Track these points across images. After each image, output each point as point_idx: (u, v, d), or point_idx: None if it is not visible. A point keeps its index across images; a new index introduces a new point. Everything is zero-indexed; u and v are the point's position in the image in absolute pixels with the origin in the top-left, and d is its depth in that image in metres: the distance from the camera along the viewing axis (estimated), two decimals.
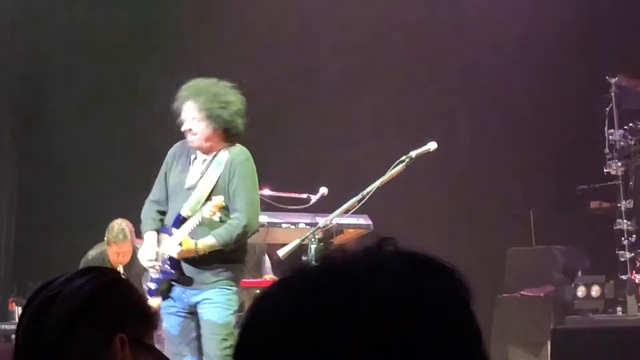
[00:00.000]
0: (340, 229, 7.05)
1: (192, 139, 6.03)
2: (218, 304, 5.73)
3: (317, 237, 6.33)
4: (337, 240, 7.17)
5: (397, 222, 9.15)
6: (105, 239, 8.38)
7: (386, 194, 6.76)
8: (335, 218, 6.56)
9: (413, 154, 6.47)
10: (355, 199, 6.43)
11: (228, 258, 5.97)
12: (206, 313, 5.90)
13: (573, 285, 9.64)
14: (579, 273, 9.89)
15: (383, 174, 6.49)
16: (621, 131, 9.32)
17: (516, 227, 10.63)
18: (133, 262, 8.13)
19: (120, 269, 8.05)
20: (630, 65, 9.94)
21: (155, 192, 6.27)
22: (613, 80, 9.29)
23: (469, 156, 10.36)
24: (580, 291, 9.44)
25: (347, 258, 1.16)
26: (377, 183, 6.43)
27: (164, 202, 6.18)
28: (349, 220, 7.14)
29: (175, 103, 6.08)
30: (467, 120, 10.92)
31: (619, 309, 9.18)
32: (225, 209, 5.87)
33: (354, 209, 6.50)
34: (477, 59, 11.11)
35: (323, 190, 7.57)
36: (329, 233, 6.80)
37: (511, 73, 10.99)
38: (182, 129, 6.04)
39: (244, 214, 5.95)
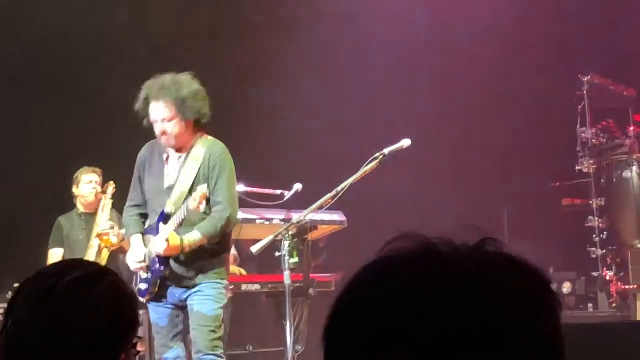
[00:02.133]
0: (314, 225, 7.06)
1: (168, 140, 6.00)
2: (208, 297, 5.74)
3: (290, 233, 6.35)
4: (312, 236, 7.15)
5: (371, 219, 9.15)
6: (74, 185, 8.35)
7: (360, 190, 6.76)
8: (309, 214, 6.58)
9: (387, 151, 6.51)
10: (329, 195, 6.44)
11: (215, 252, 5.97)
12: (196, 305, 5.91)
13: None
14: (551, 270, 9.83)
15: (357, 171, 6.50)
16: (593, 129, 9.41)
17: (490, 225, 10.15)
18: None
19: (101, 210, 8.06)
20: (603, 63, 10.08)
21: (133, 197, 6.25)
22: (585, 79, 9.39)
23: (443, 154, 10.44)
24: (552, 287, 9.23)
25: (453, 251, 1.18)
26: (351, 180, 6.45)
27: (144, 205, 6.19)
28: (323, 217, 7.18)
29: (137, 104, 6.02)
30: (441, 118, 11.00)
31: (590, 305, 9.32)
32: (207, 202, 5.88)
33: (328, 205, 6.51)
34: (453, 58, 11.19)
35: (297, 186, 7.58)
36: (303, 229, 6.79)
37: (484, 72, 11.08)
38: (156, 131, 6.00)
39: (227, 205, 5.94)
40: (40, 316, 2.12)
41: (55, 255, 8.35)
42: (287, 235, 6.27)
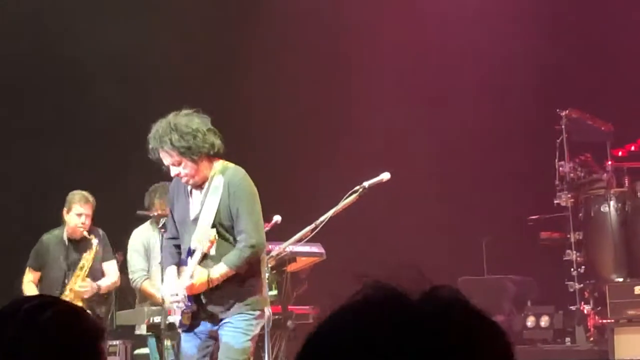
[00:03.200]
0: (293, 257, 7.12)
1: (186, 181, 6.12)
2: (238, 329, 5.82)
3: (269, 265, 6.39)
4: (290, 268, 7.26)
5: (349, 251, 9.21)
6: (65, 208, 8.47)
7: (339, 223, 6.81)
8: (288, 246, 6.64)
9: (366, 184, 6.60)
10: (308, 227, 6.50)
11: (242, 280, 6.05)
12: (225, 336, 6.00)
13: (522, 315, 9.79)
14: (529, 303, 10.02)
15: (337, 203, 6.57)
16: (571, 163, 9.49)
17: (468, 257, 10.71)
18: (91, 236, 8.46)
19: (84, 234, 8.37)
20: (581, 98, 10.18)
21: (169, 228, 6.40)
22: (564, 113, 9.48)
23: (421, 186, 10.52)
24: (530, 321, 9.63)
25: (414, 301, 1.20)
26: (331, 212, 6.52)
27: (179, 238, 6.33)
28: (302, 249, 7.24)
29: (150, 154, 6.17)
30: (420, 150, 11.07)
31: (567, 339, 9.41)
32: (231, 230, 5.98)
33: (307, 238, 6.57)
34: (433, 88, 11.25)
35: (276, 218, 7.61)
36: (282, 261, 6.90)
37: (463, 105, 11.14)
38: (172, 174, 6.16)
39: (250, 234, 6.00)
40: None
41: (32, 274, 8.61)
42: (266, 268, 6.30)
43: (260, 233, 6.14)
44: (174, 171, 6.08)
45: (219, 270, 5.96)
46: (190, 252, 6.07)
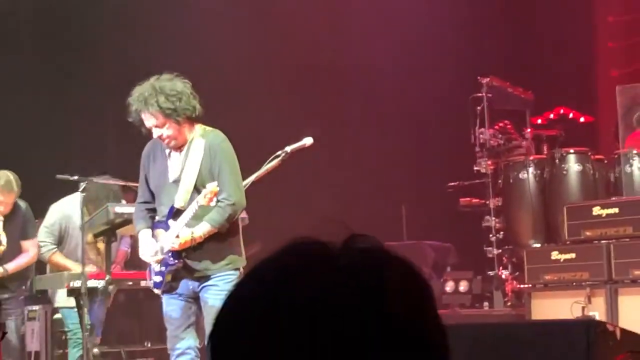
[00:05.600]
0: None
1: (167, 142, 6.37)
2: (222, 291, 6.04)
3: None
4: None
5: (272, 217, 9.41)
6: None
7: (262, 188, 6.97)
8: None
9: (288, 148, 6.75)
10: None
11: (222, 237, 6.37)
12: (211, 299, 6.25)
13: (441, 280, 9.98)
14: (448, 269, 10.25)
15: (258, 168, 6.74)
16: (491, 130, 9.65)
17: (388, 223, 10.85)
18: (14, 215, 8.58)
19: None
20: (502, 66, 10.45)
21: (141, 194, 6.68)
22: (484, 81, 9.62)
23: (342, 154, 10.69)
24: (449, 286, 9.88)
25: (323, 251, 1.22)
26: (253, 177, 6.68)
27: (151, 201, 6.61)
28: None
29: (130, 116, 6.44)
30: (341, 119, 11.21)
31: (486, 303, 9.65)
32: (211, 189, 6.30)
33: None
34: (352, 57, 11.36)
35: None
36: None
37: (385, 73, 11.27)
38: (154, 136, 6.40)
39: (231, 194, 6.32)
40: None
41: None
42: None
43: (241, 192, 6.45)
44: (156, 133, 6.31)
45: (202, 229, 6.24)
46: (172, 212, 6.36)
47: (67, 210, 8.74)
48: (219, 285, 6.25)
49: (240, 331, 1.21)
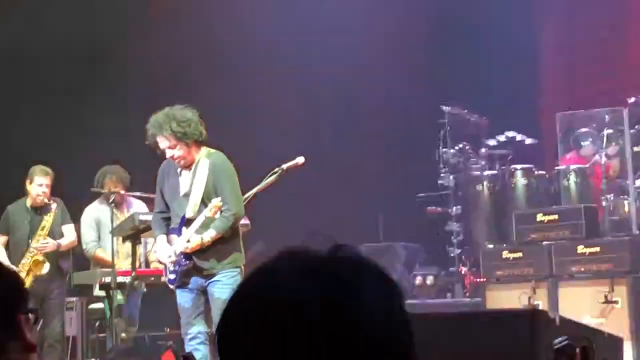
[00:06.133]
0: None
1: (178, 161, 6.52)
2: (226, 285, 6.21)
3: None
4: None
5: (270, 222, 9.23)
6: (28, 179, 8.52)
7: (261, 199, 7.11)
8: None
9: (285, 166, 6.94)
10: None
11: (225, 240, 6.50)
12: (216, 292, 6.39)
13: (412, 275, 10.12)
14: (417, 265, 10.42)
15: (259, 183, 6.90)
16: (452, 150, 9.95)
17: (367, 228, 10.88)
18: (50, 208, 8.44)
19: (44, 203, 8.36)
20: (461, 95, 10.45)
21: (157, 204, 6.81)
22: (446, 109, 9.90)
23: (330, 167, 10.46)
24: (418, 280, 9.98)
25: (310, 259, 1.21)
26: (254, 190, 6.89)
27: (167, 211, 6.70)
28: None
29: (147, 140, 6.55)
30: (329, 136, 11.07)
31: (448, 294, 9.89)
32: (216, 204, 6.41)
33: None
34: (337, 84, 11.05)
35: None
36: None
37: (365, 101, 11.23)
38: (167, 156, 6.55)
39: (232, 205, 6.45)
40: None
41: (0, 237, 8.67)
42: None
43: (240, 204, 6.59)
44: (169, 154, 6.46)
45: (210, 235, 6.39)
46: (184, 221, 6.52)
47: (98, 213, 8.77)
48: (223, 281, 6.39)
49: (239, 325, 1.19)
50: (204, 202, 6.41)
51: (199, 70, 10.90)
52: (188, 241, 6.42)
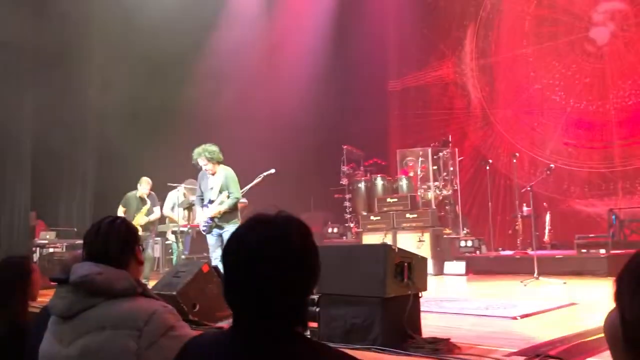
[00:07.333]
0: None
1: (208, 171, 7.75)
2: (230, 233, 6.31)
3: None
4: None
5: (252, 204, 10.43)
6: (139, 184, 10.03)
7: (252, 193, 8.63)
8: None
9: (265, 173, 8.49)
10: (244, 188, 8.23)
11: (231, 210, 7.77)
12: (225, 236, 7.51)
13: (326, 227, 12.79)
14: (329, 223, 13.12)
15: (249, 183, 8.39)
16: (347, 167, 12.90)
17: (304, 204, 13.56)
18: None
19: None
20: (353, 136, 13.21)
21: (198, 193, 8.07)
22: (344, 147, 12.95)
23: (286, 172, 10.23)
24: (329, 230, 12.81)
25: (266, 217, 1.66)
26: (247, 188, 8.47)
27: (202, 195, 7.95)
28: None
29: (193, 160, 7.84)
30: (282, 154, 12.03)
31: (344, 237, 12.72)
32: (225, 194, 7.68)
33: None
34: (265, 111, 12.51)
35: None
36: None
37: (297, 133, 13.20)
38: (203, 169, 7.74)
39: (234, 194, 7.73)
40: (100, 236, 2.86)
41: (121, 208, 10.16)
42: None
43: (239, 193, 7.79)
44: (204, 167, 7.67)
45: (223, 208, 7.68)
46: (210, 201, 7.70)
47: (174, 195, 10.73)
48: (229, 230, 7.52)
49: (230, 252, 1.64)
50: (220, 192, 7.72)
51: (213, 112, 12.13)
52: (211, 211, 7.62)
